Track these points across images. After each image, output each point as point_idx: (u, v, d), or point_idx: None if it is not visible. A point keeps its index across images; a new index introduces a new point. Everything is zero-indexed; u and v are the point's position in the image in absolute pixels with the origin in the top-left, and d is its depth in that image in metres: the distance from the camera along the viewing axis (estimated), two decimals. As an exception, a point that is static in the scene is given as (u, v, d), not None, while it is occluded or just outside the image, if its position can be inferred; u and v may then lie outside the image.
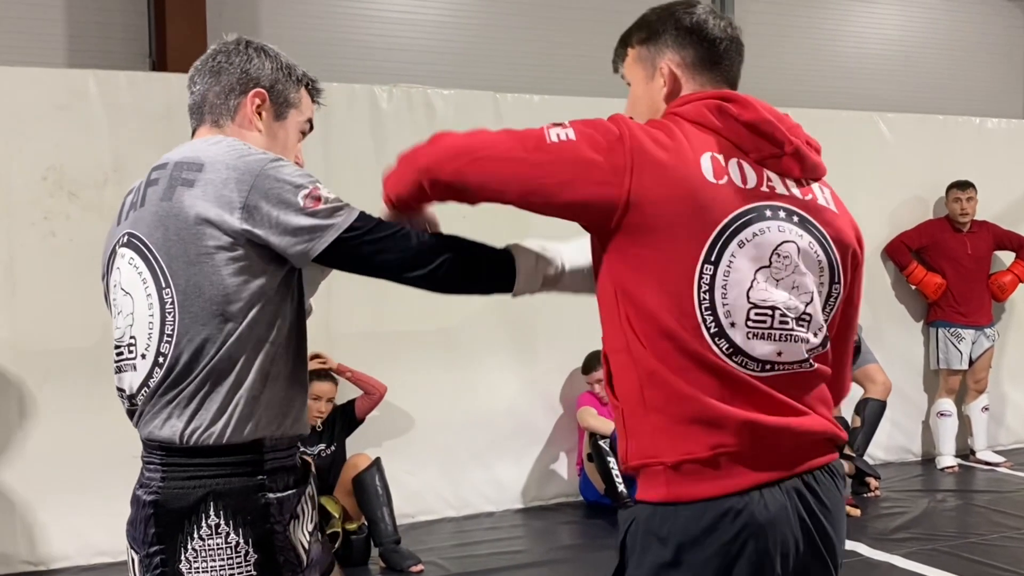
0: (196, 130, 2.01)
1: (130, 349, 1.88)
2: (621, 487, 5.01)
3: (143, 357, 1.85)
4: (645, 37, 1.90)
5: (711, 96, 1.81)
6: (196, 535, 1.80)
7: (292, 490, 1.89)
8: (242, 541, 1.80)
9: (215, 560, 1.79)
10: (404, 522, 4.91)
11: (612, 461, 5.08)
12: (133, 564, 1.90)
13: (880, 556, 4.61)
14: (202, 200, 1.79)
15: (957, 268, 6.37)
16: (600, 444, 5.12)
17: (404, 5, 8.19)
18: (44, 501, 4.58)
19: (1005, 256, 6.63)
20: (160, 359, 1.82)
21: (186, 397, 1.81)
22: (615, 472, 5.07)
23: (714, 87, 1.86)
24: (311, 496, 1.97)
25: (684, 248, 1.70)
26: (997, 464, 6.43)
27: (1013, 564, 4.44)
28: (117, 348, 1.93)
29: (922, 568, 4.44)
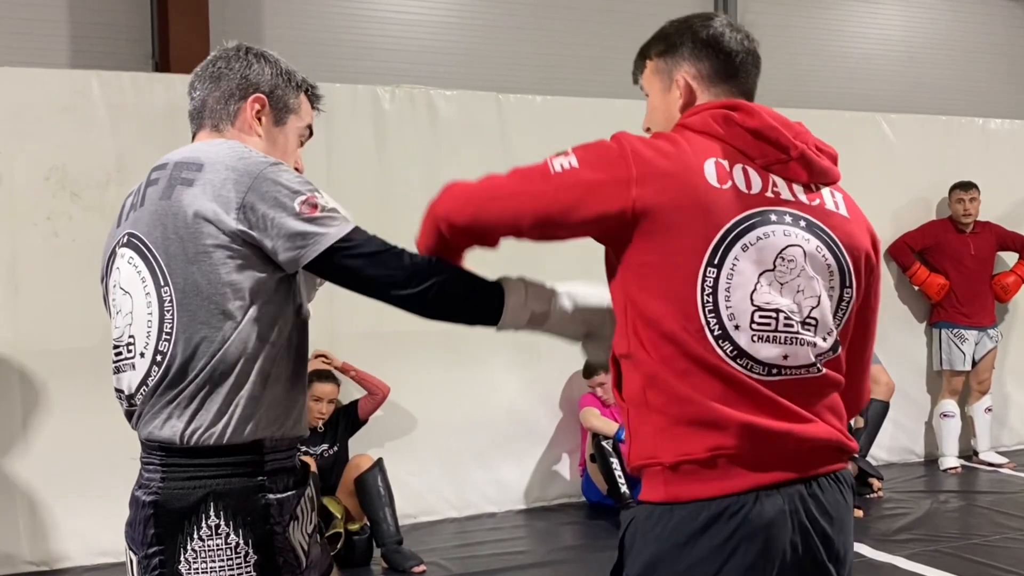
0: (196, 135, 2.02)
1: (129, 348, 1.88)
2: (624, 488, 5.02)
3: (142, 356, 1.85)
4: (663, 50, 1.92)
5: (718, 106, 1.83)
6: (196, 536, 1.79)
7: (292, 491, 1.89)
8: (242, 542, 1.80)
9: (215, 561, 1.79)
10: (406, 523, 4.91)
11: (615, 462, 5.09)
12: (131, 565, 1.90)
13: (883, 557, 4.60)
14: (201, 198, 1.80)
15: (960, 269, 6.36)
16: (603, 445, 5.12)
17: (407, 6, 8.19)
18: (47, 501, 4.59)
19: (1008, 257, 6.63)
20: (159, 358, 1.82)
21: (187, 397, 1.81)
22: (618, 473, 5.08)
23: (728, 99, 1.87)
24: (311, 497, 1.97)
25: (688, 252, 1.71)
26: (1000, 465, 6.42)
27: (1016, 565, 4.43)
28: (116, 348, 1.92)
29: (925, 569, 4.43)
